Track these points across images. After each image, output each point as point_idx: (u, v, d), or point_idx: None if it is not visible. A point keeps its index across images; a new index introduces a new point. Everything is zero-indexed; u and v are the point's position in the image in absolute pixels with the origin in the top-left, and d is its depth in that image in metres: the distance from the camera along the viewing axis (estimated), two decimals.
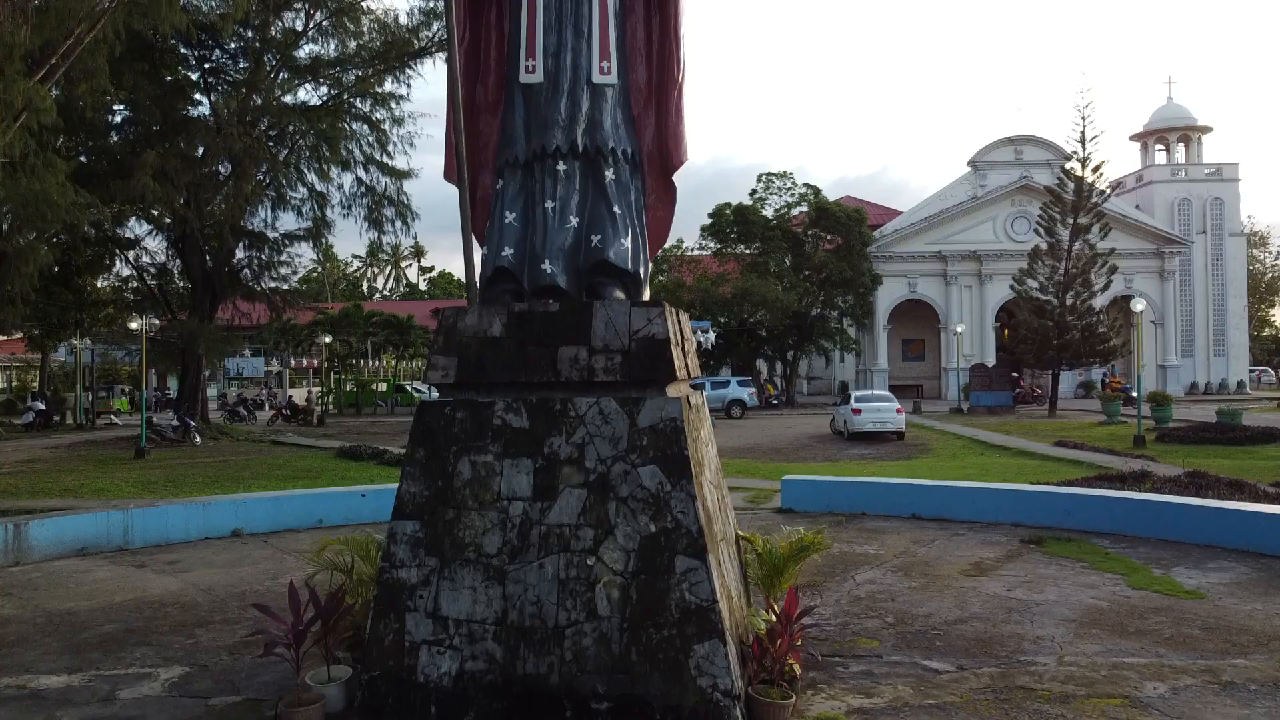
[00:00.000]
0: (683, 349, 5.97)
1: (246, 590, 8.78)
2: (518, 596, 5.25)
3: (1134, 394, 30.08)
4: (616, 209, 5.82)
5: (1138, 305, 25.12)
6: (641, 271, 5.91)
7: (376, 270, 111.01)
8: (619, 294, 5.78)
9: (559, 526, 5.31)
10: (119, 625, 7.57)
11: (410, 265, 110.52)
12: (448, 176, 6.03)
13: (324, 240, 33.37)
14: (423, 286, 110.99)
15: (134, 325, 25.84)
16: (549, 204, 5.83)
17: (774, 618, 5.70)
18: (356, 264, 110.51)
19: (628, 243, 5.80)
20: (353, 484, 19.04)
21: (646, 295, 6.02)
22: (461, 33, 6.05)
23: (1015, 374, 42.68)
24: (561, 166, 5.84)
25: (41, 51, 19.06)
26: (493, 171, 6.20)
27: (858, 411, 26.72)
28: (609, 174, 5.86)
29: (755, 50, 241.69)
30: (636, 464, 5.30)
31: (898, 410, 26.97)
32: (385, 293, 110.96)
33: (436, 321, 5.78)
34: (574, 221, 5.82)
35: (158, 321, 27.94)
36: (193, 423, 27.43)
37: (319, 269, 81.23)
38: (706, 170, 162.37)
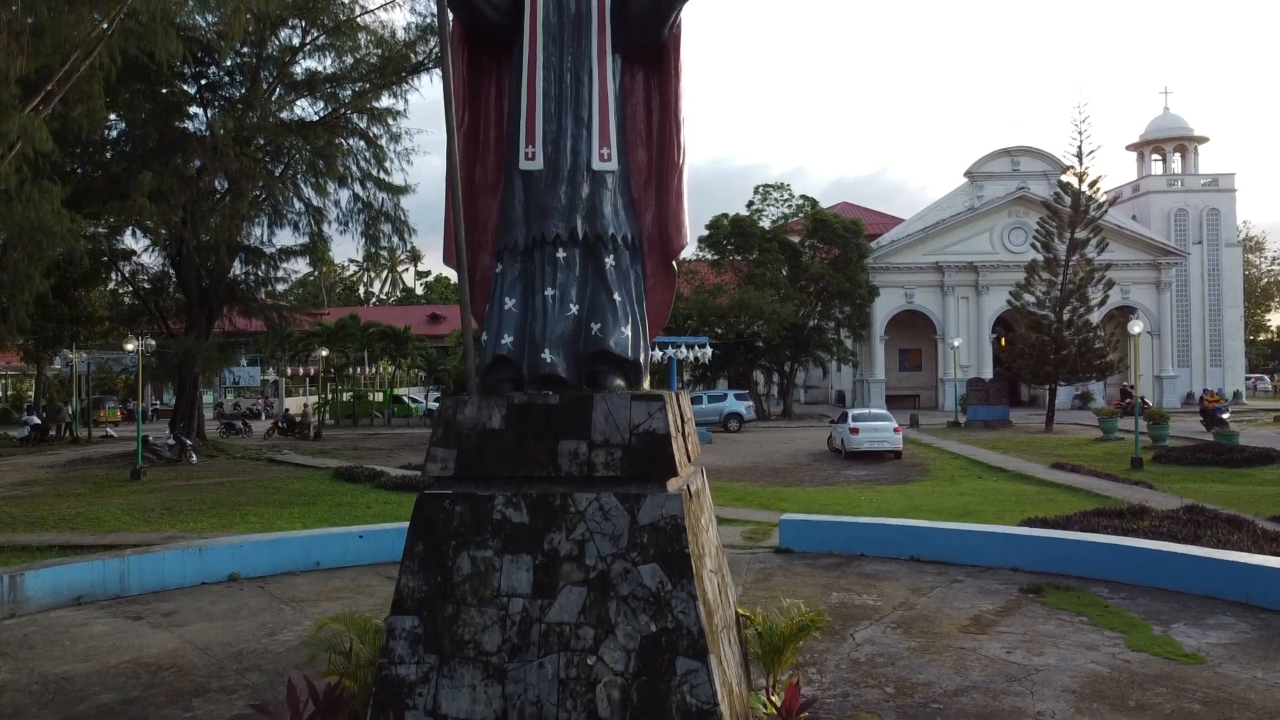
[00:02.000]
0: (683, 435, 5.95)
1: (244, 649, 8.74)
2: (518, 696, 5.22)
3: (1224, 415, 29.65)
4: (617, 296, 5.80)
5: (1135, 328, 25.15)
6: (642, 358, 5.89)
7: (373, 275, 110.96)
8: (619, 382, 5.76)
9: (559, 625, 5.28)
10: (116, 695, 7.52)
11: (406, 270, 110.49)
12: (447, 260, 6.00)
13: (321, 256, 33.33)
14: (419, 291, 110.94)
15: (130, 346, 25.76)
16: (549, 291, 5.81)
17: (775, 709, 5.68)
18: (353, 268, 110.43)
19: (628, 331, 5.78)
20: (350, 509, 19.14)
21: (647, 382, 6.00)
22: (461, 116, 6.01)
23: (1127, 384, 42.54)
24: (561, 254, 5.82)
25: (38, 75, 19.02)
26: (492, 253, 6.18)
27: (855, 431, 26.74)
28: (609, 260, 5.84)
29: (755, 50, 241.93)
30: (637, 562, 5.28)
31: (895, 430, 26.99)
32: (382, 297, 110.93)
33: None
34: (574, 309, 5.81)
35: (153, 342, 27.86)
36: (189, 441, 27.36)
37: (315, 274, 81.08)
38: (705, 170, 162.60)
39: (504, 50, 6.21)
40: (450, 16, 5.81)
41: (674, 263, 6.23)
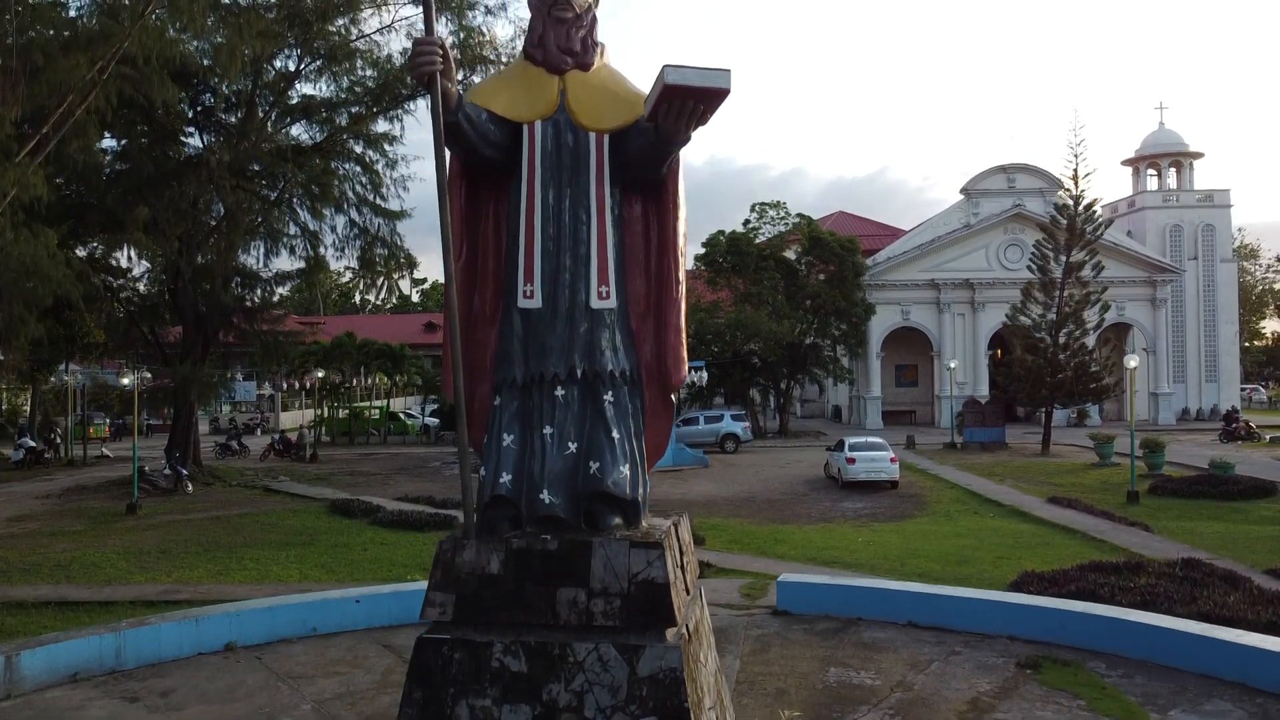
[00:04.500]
0: (682, 568, 5.95)
1: None
2: None
3: None
4: (615, 434, 5.81)
5: (1131, 362, 25.21)
6: (640, 494, 5.89)
7: (369, 282, 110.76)
8: (617, 520, 5.77)
9: None
10: None
11: (403, 278, 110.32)
12: (445, 393, 6.00)
13: (318, 279, 33.31)
14: (415, 298, 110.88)
15: (126, 380, 25.73)
16: (547, 430, 5.81)
17: None
18: (349, 275, 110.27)
19: (626, 469, 5.78)
20: (346, 550, 19.15)
21: (645, 521, 5.99)
22: (458, 249, 6.01)
23: (1232, 408, 42.73)
24: (560, 391, 5.83)
25: (34, 115, 18.98)
26: (490, 382, 6.17)
27: (852, 461, 26.75)
28: (607, 397, 5.85)
29: (755, 51, 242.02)
30: (636, 715, 5.26)
31: (892, 459, 27.00)
32: (378, 304, 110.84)
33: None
34: (572, 448, 5.82)
35: (149, 375, 27.86)
36: (185, 471, 27.30)
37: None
38: (704, 172, 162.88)
39: (501, 178, 6.19)
40: (448, 155, 5.79)
41: (673, 395, 6.22)
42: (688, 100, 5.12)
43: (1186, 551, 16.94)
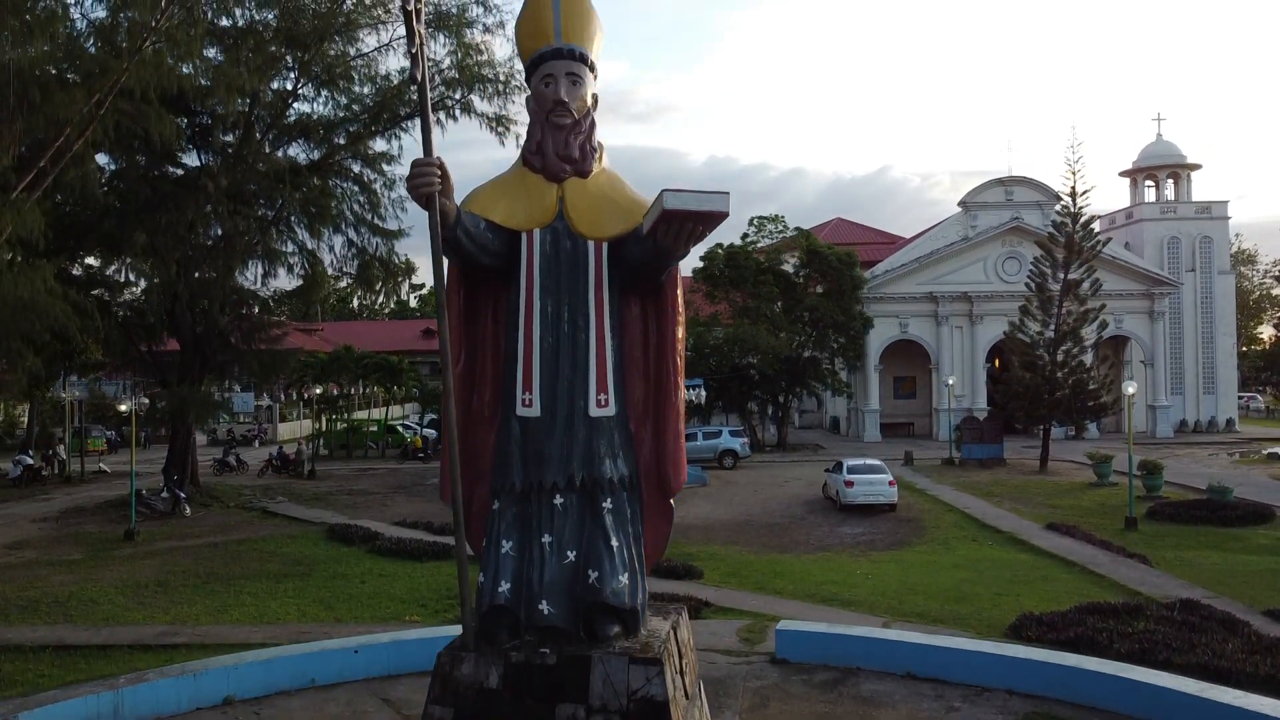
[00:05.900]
0: (681, 674, 5.94)
1: None
2: None
3: None
4: (614, 541, 5.81)
5: (1129, 388, 25.23)
6: (639, 601, 5.89)
7: (367, 290, 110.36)
8: (616, 629, 5.76)
9: None
10: None
11: (402, 282, 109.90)
12: (443, 497, 5.99)
13: (316, 297, 33.25)
14: (413, 304, 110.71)
15: (124, 407, 25.71)
16: (546, 538, 5.81)
17: None
18: (347, 280, 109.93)
19: (625, 579, 5.78)
20: (344, 583, 19.12)
21: (644, 628, 5.97)
22: (457, 354, 6.00)
23: None
24: (559, 500, 5.83)
25: (32, 146, 18.95)
26: (489, 484, 6.15)
27: (850, 484, 26.75)
28: (606, 504, 5.85)
29: (757, 51, 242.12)
30: None
31: (890, 483, 27.00)
32: (375, 307, 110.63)
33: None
34: (571, 556, 5.82)
35: (147, 400, 27.85)
36: (183, 494, 27.26)
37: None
38: (704, 173, 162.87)
39: (500, 278, 6.17)
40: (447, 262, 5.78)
41: (672, 500, 6.21)
42: (686, 222, 5.12)
43: (1185, 588, 16.96)
